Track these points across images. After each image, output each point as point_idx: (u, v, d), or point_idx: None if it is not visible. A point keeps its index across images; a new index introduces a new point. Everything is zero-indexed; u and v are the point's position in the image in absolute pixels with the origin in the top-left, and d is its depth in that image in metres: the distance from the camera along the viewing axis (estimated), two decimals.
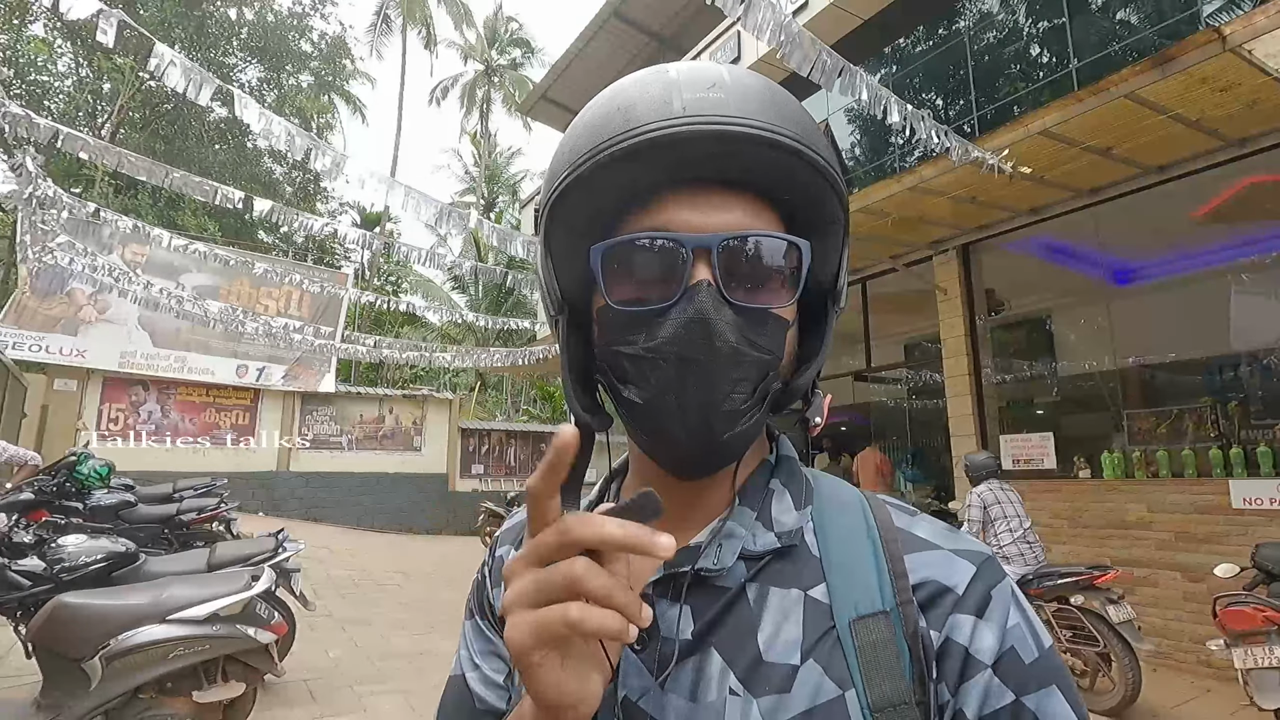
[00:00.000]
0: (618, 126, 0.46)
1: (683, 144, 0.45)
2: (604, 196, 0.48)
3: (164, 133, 19.60)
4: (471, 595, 0.63)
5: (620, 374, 0.49)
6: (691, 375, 0.45)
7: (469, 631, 0.61)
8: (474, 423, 17.79)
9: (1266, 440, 4.79)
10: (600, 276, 0.48)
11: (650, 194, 0.48)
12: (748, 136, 0.45)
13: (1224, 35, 3.55)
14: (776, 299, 0.48)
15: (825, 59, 3.57)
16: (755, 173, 0.48)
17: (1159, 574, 5.05)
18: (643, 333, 0.47)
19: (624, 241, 0.48)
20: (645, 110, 0.46)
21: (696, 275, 0.46)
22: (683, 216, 0.47)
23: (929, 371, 7.62)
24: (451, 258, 12.47)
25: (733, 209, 0.48)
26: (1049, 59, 6.46)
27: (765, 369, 0.47)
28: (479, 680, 0.58)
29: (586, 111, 0.50)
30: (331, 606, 6.61)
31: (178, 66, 3.79)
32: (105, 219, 6.87)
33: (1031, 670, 0.46)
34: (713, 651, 0.48)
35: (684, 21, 11.16)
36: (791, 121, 0.47)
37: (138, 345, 13.04)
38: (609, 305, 0.48)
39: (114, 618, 3.00)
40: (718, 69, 0.49)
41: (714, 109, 0.45)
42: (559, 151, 0.50)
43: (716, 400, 0.45)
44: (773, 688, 0.46)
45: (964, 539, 0.52)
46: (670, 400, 0.45)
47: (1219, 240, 5.26)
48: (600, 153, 0.46)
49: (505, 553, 0.62)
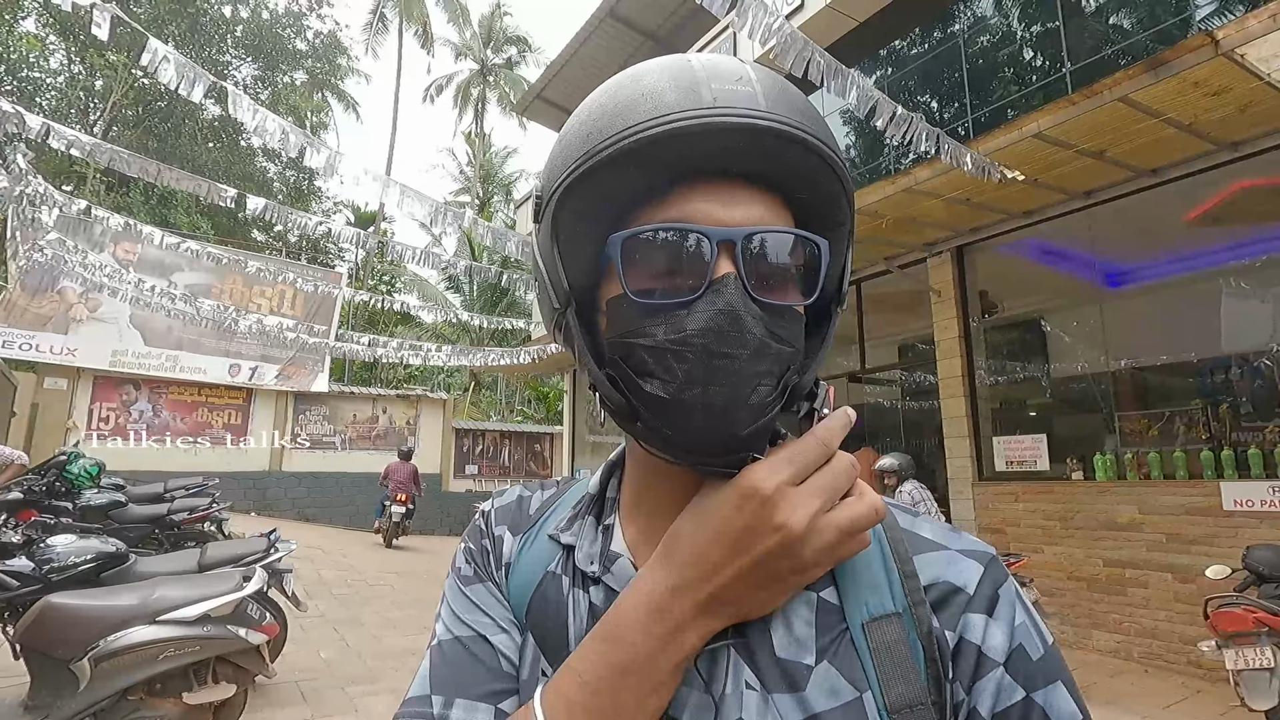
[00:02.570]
0: (645, 112, 0.45)
1: (712, 135, 0.44)
2: (622, 184, 0.47)
3: (157, 130, 19.49)
4: (471, 559, 0.61)
5: (638, 366, 0.47)
6: (719, 369, 0.44)
7: (484, 594, 0.58)
8: (468, 423, 17.76)
9: (1257, 442, 4.82)
10: (620, 266, 0.47)
11: (670, 184, 0.47)
12: (778, 132, 0.44)
13: (1217, 40, 3.58)
14: (794, 295, 0.48)
15: (819, 60, 3.57)
16: (777, 170, 0.47)
17: (1150, 575, 5.07)
18: (662, 325, 0.46)
19: (647, 231, 0.47)
20: (674, 99, 0.45)
21: (721, 269, 0.45)
22: (705, 209, 0.46)
23: (923, 373, 7.64)
24: (446, 257, 12.45)
25: (755, 204, 0.47)
26: (1043, 62, 6.49)
27: (788, 363, 0.47)
28: (508, 644, 0.55)
29: (605, 94, 0.49)
30: (324, 607, 6.58)
31: (171, 63, 3.77)
32: (96, 216, 6.83)
33: (1038, 666, 0.47)
34: (728, 646, 0.48)
35: (679, 21, 11.17)
36: (813, 121, 0.47)
37: (129, 344, 12.97)
38: (626, 296, 0.47)
39: (103, 618, 2.98)
40: (740, 64, 0.48)
41: (745, 102, 0.45)
42: (570, 136, 0.49)
43: (743, 394, 0.44)
44: (788, 686, 0.47)
45: (967, 538, 0.53)
46: (696, 393, 0.44)
47: (1210, 243, 5.29)
48: (626, 137, 0.45)
49: (501, 532, 0.62)
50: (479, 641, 0.55)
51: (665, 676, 0.45)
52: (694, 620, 0.45)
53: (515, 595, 0.58)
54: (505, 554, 0.60)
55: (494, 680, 0.53)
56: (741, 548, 0.45)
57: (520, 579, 0.58)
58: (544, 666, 0.53)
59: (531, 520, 0.62)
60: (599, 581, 0.54)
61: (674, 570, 0.46)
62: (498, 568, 0.60)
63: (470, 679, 0.53)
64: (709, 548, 0.45)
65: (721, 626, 0.47)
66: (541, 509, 0.63)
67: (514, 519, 0.63)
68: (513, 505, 0.64)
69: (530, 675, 0.53)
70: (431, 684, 0.53)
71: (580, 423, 13.24)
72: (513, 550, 0.60)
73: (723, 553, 0.45)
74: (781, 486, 0.44)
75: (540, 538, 0.60)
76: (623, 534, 0.56)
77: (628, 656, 0.45)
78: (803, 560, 0.45)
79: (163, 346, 13.24)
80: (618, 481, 0.61)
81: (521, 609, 0.57)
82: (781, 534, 0.44)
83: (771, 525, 0.44)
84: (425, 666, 0.55)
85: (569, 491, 0.64)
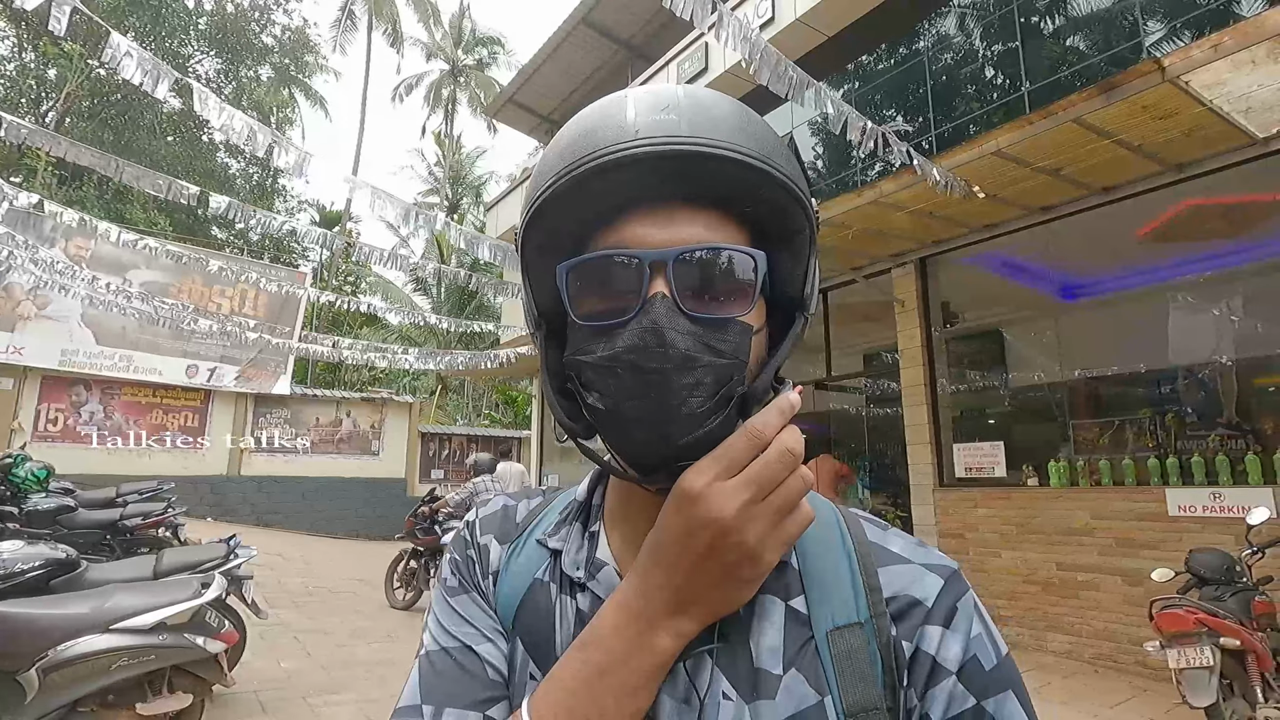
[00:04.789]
0: (581, 150, 0.49)
1: (636, 164, 0.47)
2: (572, 217, 0.51)
3: (113, 123, 18.90)
4: (456, 570, 0.62)
5: (585, 382, 0.51)
6: (646, 382, 0.47)
7: (469, 605, 0.60)
8: (434, 427, 17.55)
9: (1200, 450, 5.03)
10: (565, 293, 0.51)
11: (615, 213, 0.50)
12: (698, 155, 0.47)
13: (1163, 66, 3.75)
14: (736, 307, 0.50)
15: (790, 73, 3.65)
16: (714, 188, 0.50)
17: (1101, 579, 5.25)
18: (602, 343, 0.49)
19: (586, 260, 0.50)
20: (604, 134, 0.48)
21: (654, 288, 0.48)
22: (644, 233, 0.49)
23: (887, 381, 7.80)
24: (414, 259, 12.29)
25: (694, 224, 0.50)
26: (1003, 81, 6.70)
27: (727, 373, 0.49)
28: (494, 654, 0.57)
29: (559, 137, 0.53)
30: (285, 615, 6.43)
31: (133, 58, 3.67)
32: (48, 211, 6.60)
33: (991, 676, 0.50)
34: (705, 656, 0.51)
35: (653, 31, 11.25)
36: (747, 137, 0.49)
37: (80, 343, 12.53)
38: (572, 319, 0.51)
39: (52, 627, 2.88)
40: (674, 91, 0.51)
41: (665, 130, 0.47)
42: (535, 175, 0.53)
43: (674, 404, 0.47)
44: (762, 694, 0.49)
45: (933, 554, 0.55)
46: (629, 406, 0.48)
47: (1160, 259, 5.52)
48: (564, 176, 0.49)
49: (487, 541, 0.63)
50: (465, 652, 0.57)
51: (642, 679, 0.48)
52: (665, 621, 0.48)
53: (504, 602, 0.59)
54: (493, 563, 0.62)
55: (482, 689, 0.55)
56: (687, 548, 0.47)
57: (509, 586, 0.60)
58: (533, 671, 0.55)
59: (519, 529, 0.64)
60: (585, 588, 0.56)
61: (643, 575, 0.49)
62: (484, 576, 0.61)
63: (459, 689, 0.55)
64: (664, 551, 0.48)
65: (696, 628, 0.49)
66: (529, 518, 0.65)
67: (500, 528, 0.64)
68: (498, 514, 0.66)
69: (520, 680, 0.55)
70: (421, 694, 0.55)
71: (549, 427, 13.19)
72: (500, 559, 0.62)
73: (675, 554, 0.47)
74: (710, 484, 0.46)
75: (528, 546, 0.62)
76: (608, 541, 0.59)
77: (605, 659, 0.48)
78: (749, 549, 0.46)
79: (116, 346, 12.82)
80: (603, 489, 0.63)
81: (510, 616, 0.58)
82: (714, 528, 0.45)
83: (704, 522, 0.46)
84: (414, 677, 0.57)
85: (556, 500, 0.66)
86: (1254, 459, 4.69)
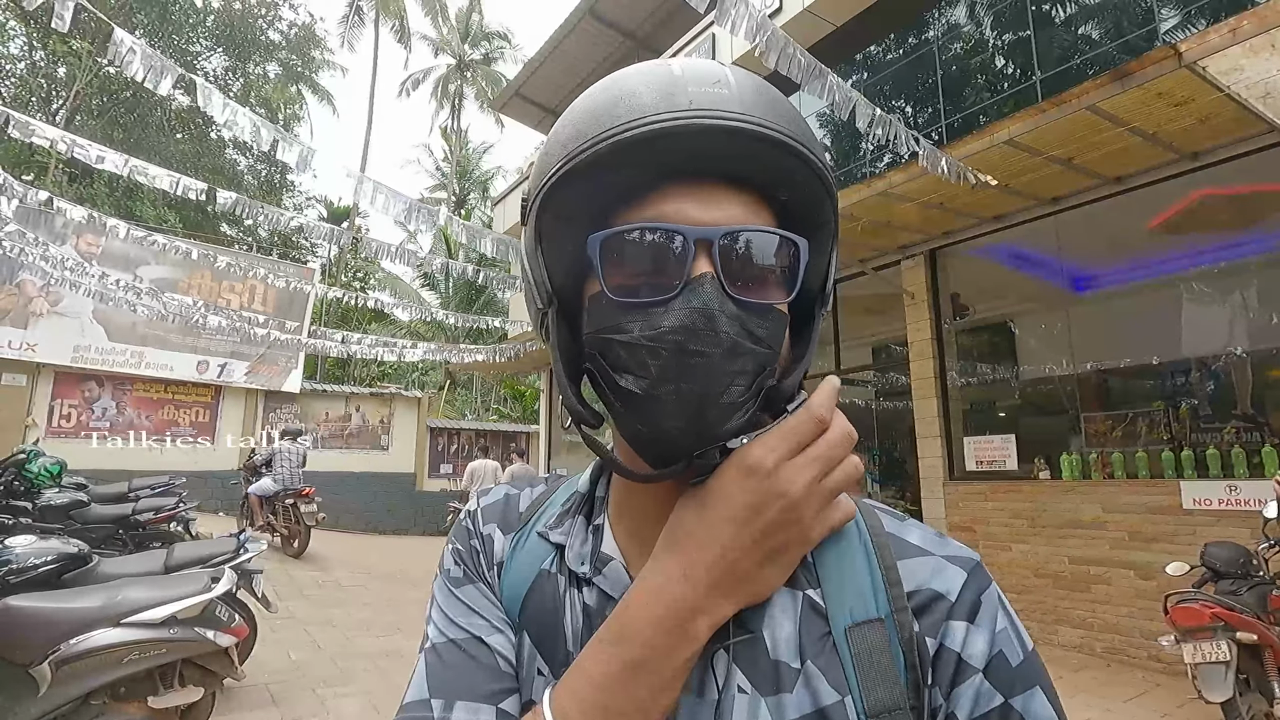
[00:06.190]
0: (623, 115, 0.46)
1: (689, 137, 0.45)
2: (602, 185, 0.48)
3: (122, 120, 18.97)
4: (460, 560, 0.60)
5: (615, 362, 0.47)
6: (689, 365, 0.45)
7: (476, 596, 0.58)
8: (442, 421, 17.61)
9: (1215, 443, 4.97)
10: (599, 266, 0.48)
11: (649, 185, 0.48)
12: (754, 134, 0.45)
13: (1180, 52, 3.69)
14: (774, 294, 0.49)
15: (800, 59, 3.61)
16: (755, 171, 0.48)
17: (1113, 572, 5.21)
18: (639, 322, 0.46)
19: (625, 231, 0.47)
20: (652, 101, 0.46)
21: (698, 268, 0.46)
22: (683, 209, 0.47)
23: (896, 374, 7.75)
24: (422, 254, 12.32)
25: (732, 204, 0.48)
26: (1014, 70, 6.62)
27: (764, 363, 0.47)
28: (504, 645, 0.55)
29: (586, 98, 0.50)
30: (294, 608, 6.47)
31: (138, 54, 3.67)
32: (59, 208, 6.64)
33: (1018, 673, 0.48)
34: (720, 650, 0.49)
35: (659, 21, 11.18)
36: (792, 123, 0.47)
37: (92, 339, 12.62)
38: (605, 294, 0.48)
39: (65, 621, 2.89)
40: (720, 67, 0.49)
41: (721, 104, 0.45)
42: (554, 138, 0.50)
43: (715, 392, 0.45)
44: (776, 689, 0.47)
45: (954, 545, 0.53)
46: (669, 389, 0.45)
47: (1172, 250, 5.45)
48: (604, 140, 0.45)
49: (490, 531, 0.61)
50: (475, 643, 0.54)
51: (678, 671, 0.46)
52: (706, 605, 0.46)
53: (509, 594, 0.57)
54: (497, 553, 0.60)
55: (493, 680, 0.52)
56: (750, 523, 0.46)
57: (514, 577, 0.58)
58: (540, 665, 0.53)
59: (522, 519, 0.62)
60: (590, 583, 0.54)
61: (683, 557, 0.47)
62: (489, 567, 0.59)
63: (470, 681, 0.52)
64: (717, 528, 0.46)
65: (732, 611, 0.47)
66: (532, 507, 0.63)
67: (503, 517, 0.62)
68: (500, 503, 0.64)
69: (527, 674, 0.54)
70: (430, 688, 0.52)
71: (557, 422, 13.20)
72: (505, 549, 0.60)
73: (732, 531, 0.46)
74: (780, 461, 0.46)
75: (532, 536, 0.60)
76: (613, 535, 0.57)
77: (643, 654, 0.45)
78: (804, 527, 0.47)
79: (127, 342, 12.91)
80: (607, 480, 0.61)
81: (515, 608, 0.57)
82: (783, 502, 0.45)
83: (775, 495, 0.45)
84: (421, 670, 0.54)
85: (559, 489, 0.64)
86: (1270, 451, 4.63)
